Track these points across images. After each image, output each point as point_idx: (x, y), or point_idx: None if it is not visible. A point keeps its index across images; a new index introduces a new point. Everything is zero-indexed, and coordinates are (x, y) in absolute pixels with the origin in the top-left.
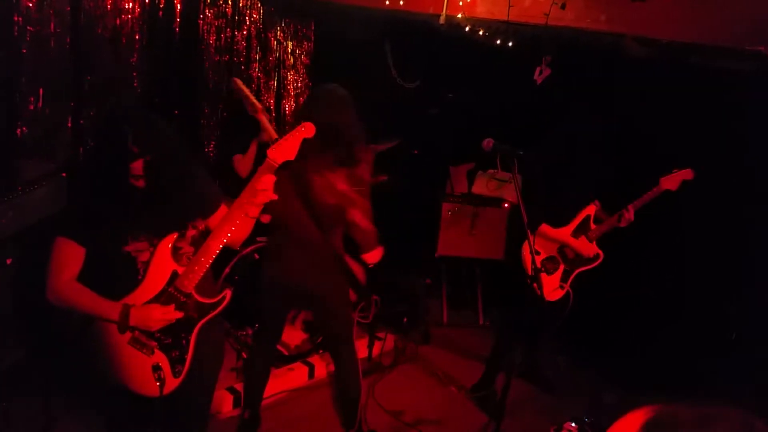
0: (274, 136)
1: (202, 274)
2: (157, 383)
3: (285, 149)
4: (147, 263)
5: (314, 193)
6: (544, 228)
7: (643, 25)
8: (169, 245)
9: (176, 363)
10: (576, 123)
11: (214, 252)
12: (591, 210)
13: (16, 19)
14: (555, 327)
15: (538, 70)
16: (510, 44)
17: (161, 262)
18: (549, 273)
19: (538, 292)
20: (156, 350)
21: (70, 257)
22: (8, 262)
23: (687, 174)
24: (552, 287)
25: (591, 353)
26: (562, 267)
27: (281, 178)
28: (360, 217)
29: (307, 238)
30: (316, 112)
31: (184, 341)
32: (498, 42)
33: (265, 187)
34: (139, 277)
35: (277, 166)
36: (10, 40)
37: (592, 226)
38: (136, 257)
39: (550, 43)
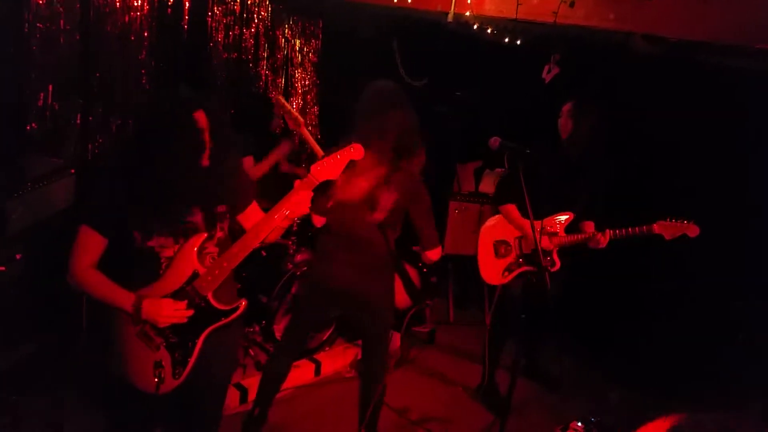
0: (320, 153)
1: (222, 279)
2: (155, 380)
3: (329, 168)
4: (170, 259)
5: (368, 193)
6: (512, 210)
7: (651, 23)
8: (197, 245)
9: (178, 364)
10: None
11: (239, 259)
12: (569, 216)
13: (26, 16)
14: (547, 317)
15: (546, 68)
16: (518, 42)
17: (185, 260)
18: (497, 256)
19: (548, 285)
20: (162, 347)
21: (90, 245)
22: (18, 257)
23: (691, 230)
24: (495, 271)
25: (597, 353)
26: (513, 255)
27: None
28: (420, 214)
29: (358, 241)
30: (372, 109)
31: (190, 343)
32: (506, 40)
33: (300, 202)
34: (161, 272)
35: (317, 183)
36: (20, 37)
37: (561, 232)
38: (159, 252)
39: (559, 41)
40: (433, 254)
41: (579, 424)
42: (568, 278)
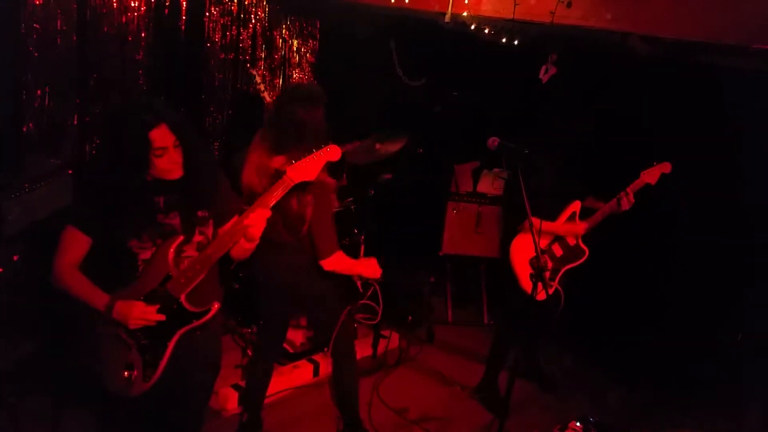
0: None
1: (196, 282)
2: (126, 382)
3: (305, 169)
4: (147, 261)
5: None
6: (536, 222)
7: (649, 23)
8: (173, 247)
9: (149, 366)
10: (575, 120)
11: (212, 262)
12: (575, 206)
13: (22, 16)
14: (551, 325)
15: (543, 68)
16: (515, 42)
17: (160, 262)
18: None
19: (539, 289)
20: (133, 349)
21: (73, 244)
22: (15, 258)
23: (665, 167)
24: (540, 287)
25: (596, 352)
26: (550, 266)
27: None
28: (319, 219)
29: (280, 241)
30: (285, 108)
31: (161, 346)
32: (503, 40)
33: (259, 218)
34: (137, 274)
35: (293, 185)
36: (16, 38)
37: (577, 221)
38: (137, 254)
39: (556, 41)
40: (329, 263)
41: (578, 423)
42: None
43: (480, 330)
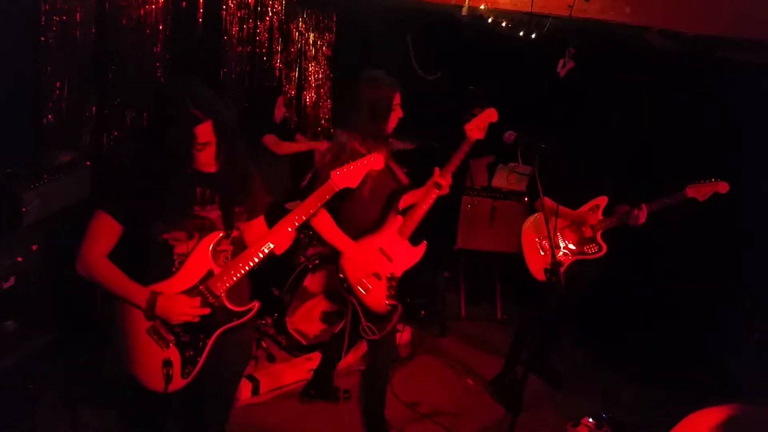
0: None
1: (236, 279)
2: (164, 379)
3: (349, 176)
4: (184, 256)
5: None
6: (549, 204)
7: (668, 17)
8: (212, 243)
9: (188, 363)
10: (596, 115)
11: (254, 259)
12: (601, 201)
13: (42, 9)
14: (564, 320)
15: (561, 62)
16: (533, 36)
17: (200, 258)
18: (544, 253)
19: (562, 281)
20: (172, 345)
21: (105, 232)
22: (34, 248)
23: (721, 187)
24: (543, 267)
25: (609, 349)
26: (560, 249)
27: None
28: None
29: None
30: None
31: (201, 343)
32: (521, 34)
33: (285, 239)
34: (174, 269)
35: (336, 191)
36: (36, 30)
37: (599, 215)
38: (173, 246)
39: (574, 35)
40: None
41: (590, 420)
42: (603, 271)
43: (493, 325)
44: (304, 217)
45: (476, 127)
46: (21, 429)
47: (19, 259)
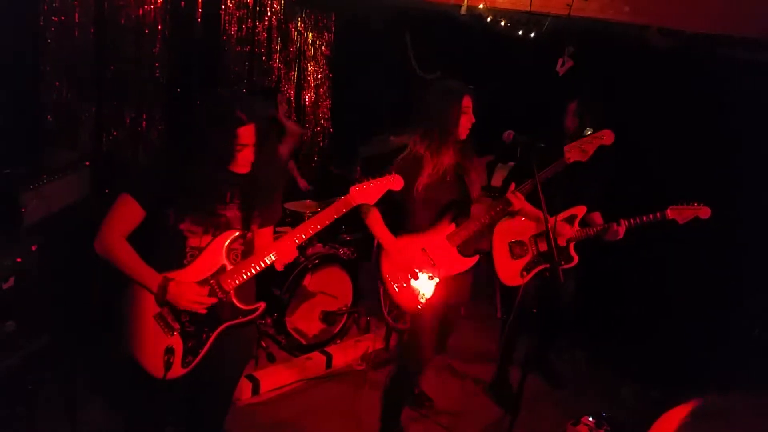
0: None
1: (247, 279)
2: (164, 365)
3: (368, 193)
4: (196, 249)
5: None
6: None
7: (667, 16)
8: (228, 240)
9: (189, 353)
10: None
11: (264, 262)
12: (579, 211)
13: (41, 9)
14: (559, 321)
15: (560, 61)
16: (532, 35)
17: (214, 253)
18: (514, 257)
19: (561, 278)
20: (176, 333)
21: (128, 215)
22: (33, 248)
23: (702, 212)
24: (513, 272)
25: (609, 348)
26: (530, 255)
27: None
28: None
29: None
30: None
31: (204, 335)
32: (520, 33)
33: (289, 250)
34: (185, 261)
35: (353, 206)
36: (35, 30)
37: (575, 226)
38: (187, 238)
39: (573, 34)
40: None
41: (590, 419)
42: (582, 275)
43: (493, 324)
44: (319, 227)
45: (579, 149)
46: (20, 429)
47: (19, 259)
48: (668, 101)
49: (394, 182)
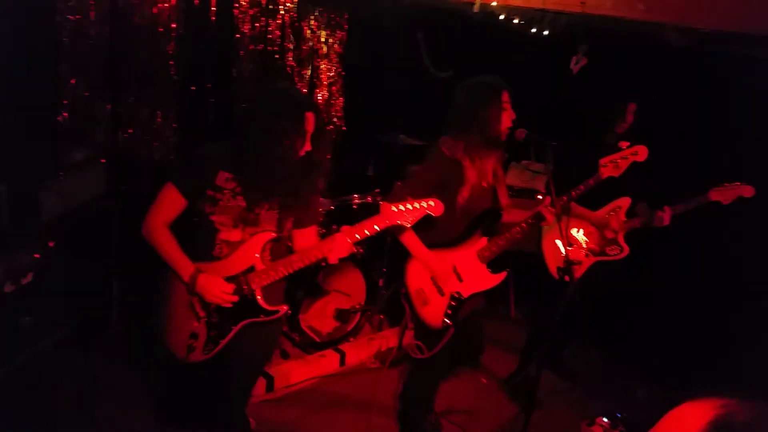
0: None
1: (274, 280)
2: (187, 348)
3: (403, 216)
4: (225, 242)
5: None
6: (572, 205)
7: (682, 13)
8: (264, 241)
9: (210, 342)
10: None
11: (295, 267)
12: (624, 202)
13: (57, 8)
14: (577, 319)
15: (574, 59)
16: (546, 33)
17: (248, 252)
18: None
19: (574, 279)
20: (202, 321)
21: (170, 203)
22: (51, 244)
23: (746, 191)
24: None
25: (624, 348)
26: (579, 252)
27: None
28: None
29: None
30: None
31: (226, 327)
32: (533, 30)
33: (342, 249)
34: (214, 253)
35: (388, 225)
36: (51, 29)
37: (621, 217)
38: (218, 230)
39: (587, 32)
40: None
41: (605, 419)
42: (622, 270)
43: (507, 324)
44: (358, 237)
45: (612, 164)
46: (39, 424)
47: (37, 255)
48: (683, 98)
49: (434, 208)
